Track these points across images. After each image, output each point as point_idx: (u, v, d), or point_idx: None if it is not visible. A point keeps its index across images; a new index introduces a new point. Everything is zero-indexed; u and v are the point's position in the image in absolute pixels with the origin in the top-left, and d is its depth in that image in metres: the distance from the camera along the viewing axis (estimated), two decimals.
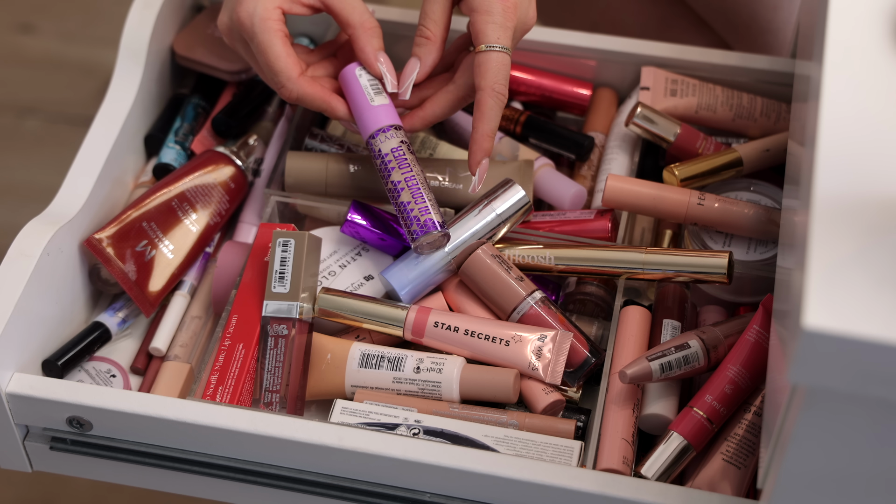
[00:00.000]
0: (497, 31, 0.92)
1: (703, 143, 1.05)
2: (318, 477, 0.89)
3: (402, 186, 0.94)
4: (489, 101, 0.93)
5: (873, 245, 0.69)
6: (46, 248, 0.93)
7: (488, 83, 0.93)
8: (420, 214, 0.93)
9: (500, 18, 0.92)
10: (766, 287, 0.95)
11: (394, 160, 0.94)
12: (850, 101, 0.75)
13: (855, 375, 0.66)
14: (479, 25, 0.93)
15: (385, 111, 0.96)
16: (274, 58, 0.95)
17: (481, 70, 0.93)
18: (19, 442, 0.93)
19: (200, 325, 1.02)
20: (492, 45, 0.92)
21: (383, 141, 0.95)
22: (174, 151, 1.08)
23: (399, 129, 0.96)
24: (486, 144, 0.94)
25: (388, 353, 0.93)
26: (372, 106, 0.96)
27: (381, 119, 0.96)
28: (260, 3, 0.95)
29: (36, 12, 1.97)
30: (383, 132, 0.95)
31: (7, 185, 1.78)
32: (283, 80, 0.95)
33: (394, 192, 0.94)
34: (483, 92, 0.93)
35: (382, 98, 0.96)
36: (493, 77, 0.93)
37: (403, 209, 0.93)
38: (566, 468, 0.85)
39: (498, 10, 0.93)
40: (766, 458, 0.78)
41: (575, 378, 0.93)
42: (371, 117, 0.96)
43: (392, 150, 0.94)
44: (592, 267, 0.96)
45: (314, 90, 0.96)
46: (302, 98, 0.96)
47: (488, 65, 0.92)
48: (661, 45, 1.11)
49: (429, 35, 0.95)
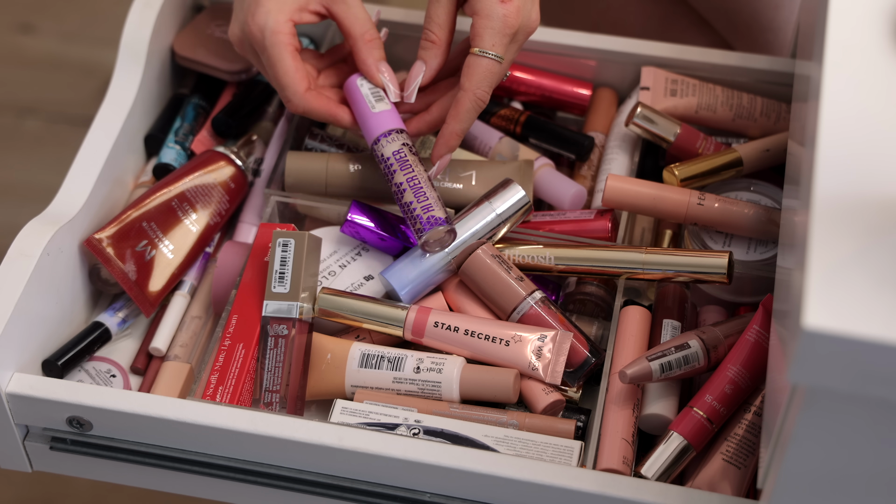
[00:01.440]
0: (493, 37, 0.94)
1: (703, 143, 1.05)
2: (318, 477, 0.89)
3: (404, 188, 0.94)
4: (468, 103, 0.95)
5: (873, 245, 0.69)
6: (46, 248, 0.93)
7: (472, 86, 0.94)
8: (423, 212, 0.93)
9: (498, 24, 0.93)
10: (766, 287, 0.95)
11: (396, 163, 0.95)
12: (850, 101, 0.75)
13: (855, 375, 0.66)
14: (477, 29, 0.94)
15: (386, 116, 0.97)
16: (283, 73, 0.97)
17: (469, 72, 0.94)
18: (19, 442, 0.93)
19: (200, 325, 1.02)
20: (485, 51, 0.94)
21: (385, 145, 0.96)
22: (174, 151, 1.08)
23: (401, 132, 0.96)
24: (453, 142, 0.96)
25: (388, 353, 0.93)
26: (373, 113, 0.97)
27: (383, 124, 0.96)
28: (271, 17, 0.96)
29: (36, 12, 1.97)
30: (385, 136, 0.96)
31: (7, 185, 1.78)
32: (290, 94, 0.97)
33: (398, 194, 0.94)
34: (465, 93, 0.95)
35: (384, 104, 0.97)
36: (477, 82, 0.94)
37: (408, 209, 0.94)
38: (566, 468, 0.85)
39: (498, 16, 0.93)
40: (766, 458, 0.78)
41: (575, 378, 0.93)
42: (373, 124, 0.97)
43: (394, 153, 0.95)
44: (592, 267, 0.96)
45: (319, 104, 0.98)
46: (308, 112, 0.98)
47: (477, 69, 0.94)
48: (661, 45, 1.11)
49: (434, 39, 0.96)
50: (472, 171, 1.03)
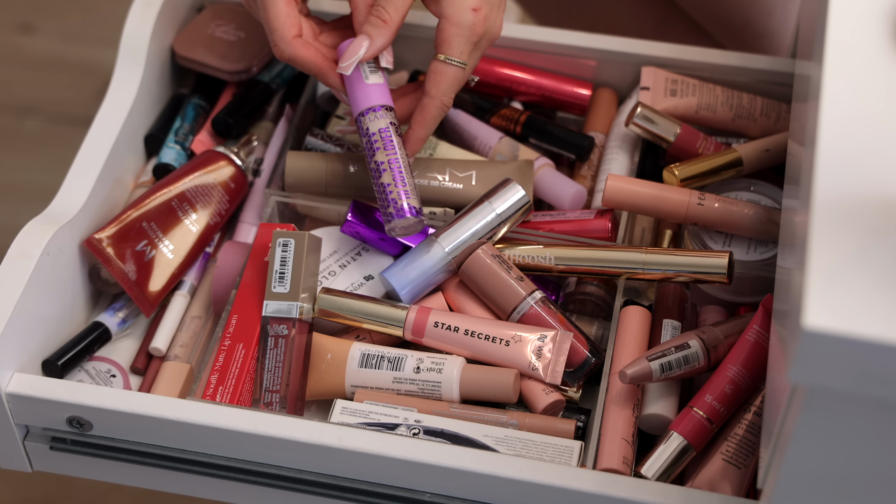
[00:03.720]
0: (462, 45, 0.93)
1: (703, 143, 1.05)
2: (318, 477, 0.89)
3: (384, 168, 0.93)
4: (434, 111, 0.95)
5: (873, 245, 0.69)
6: (46, 248, 0.93)
7: (439, 94, 0.94)
8: (398, 198, 0.93)
9: (467, 33, 0.93)
10: (766, 287, 0.95)
11: (380, 140, 0.94)
12: (850, 101, 0.75)
13: (855, 375, 0.66)
14: (446, 35, 0.93)
15: (378, 91, 0.95)
16: (273, 15, 0.94)
17: (437, 79, 0.94)
18: (19, 442, 0.93)
19: (200, 325, 1.02)
20: (452, 58, 0.94)
21: (372, 120, 0.94)
22: (174, 151, 1.08)
23: (390, 109, 0.95)
24: (418, 147, 0.97)
25: (388, 353, 0.93)
26: (365, 84, 0.95)
27: (373, 98, 0.95)
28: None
29: (36, 12, 1.97)
30: (374, 111, 0.94)
31: (7, 185, 1.78)
32: (277, 38, 0.95)
33: (376, 172, 0.94)
34: (432, 100, 0.95)
35: (377, 77, 0.95)
36: (445, 89, 0.94)
37: (383, 190, 0.93)
38: (566, 468, 0.85)
39: (468, 24, 0.93)
40: (766, 458, 0.78)
41: (575, 378, 0.93)
42: (363, 94, 0.95)
43: (380, 129, 0.94)
44: (592, 267, 0.96)
45: (307, 53, 0.95)
46: (294, 59, 0.95)
47: (444, 77, 0.94)
48: (661, 45, 1.11)
49: (387, 19, 0.94)
50: (472, 171, 1.03)
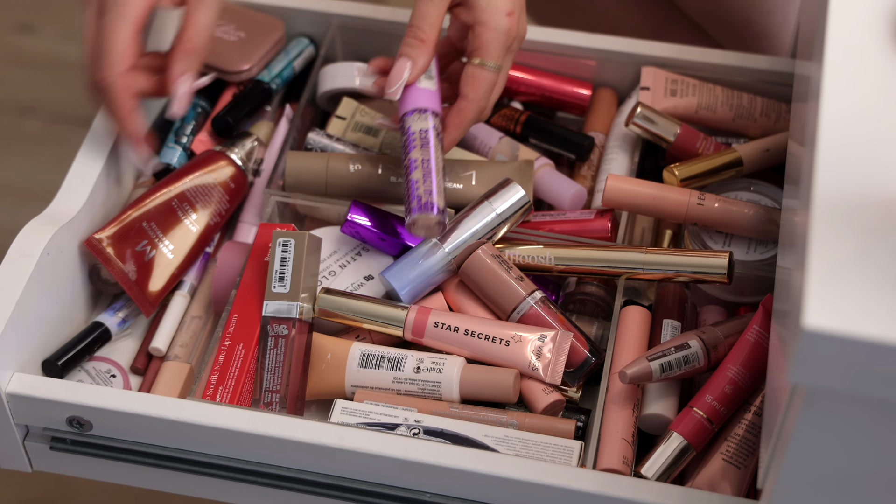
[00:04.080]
0: (499, 50, 0.94)
1: (703, 143, 1.05)
2: (318, 477, 0.89)
3: (416, 165, 0.93)
4: (471, 115, 0.96)
5: (873, 245, 0.69)
6: (46, 248, 0.93)
7: (477, 97, 0.95)
8: (424, 194, 0.93)
9: (503, 38, 0.94)
10: (766, 287, 0.95)
11: (419, 140, 0.94)
12: (850, 101, 0.75)
13: (855, 375, 0.66)
14: (482, 40, 0.94)
15: (429, 95, 0.95)
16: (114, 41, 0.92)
17: (475, 83, 0.94)
18: (19, 442, 0.93)
19: (200, 325, 1.02)
20: (490, 63, 0.94)
21: (416, 120, 0.94)
22: (174, 151, 1.08)
23: (436, 116, 0.95)
24: (447, 149, 0.96)
25: (388, 353, 0.93)
26: (418, 86, 0.95)
27: (423, 101, 0.95)
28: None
29: (36, 12, 1.97)
30: (421, 112, 0.95)
31: (7, 185, 1.78)
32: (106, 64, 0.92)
33: (408, 168, 0.93)
34: (469, 104, 0.95)
35: (430, 83, 0.96)
36: (483, 93, 0.95)
37: (410, 185, 0.93)
38: (566, 468, 0.85)
39: (504, 29, 0.93)
40: (766, 458, 0.78)
41: (575, 378, 0.93)
42: (414, 95, 0.95)
43: (421, 130, 0.94)
44: (592, 267, 0.96)
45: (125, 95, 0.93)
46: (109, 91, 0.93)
47: (483, 81, 0.94)
48: (661, 45, 1.11)
49: (423, 37, 0.94)
50: (472, 171, 1.03)
